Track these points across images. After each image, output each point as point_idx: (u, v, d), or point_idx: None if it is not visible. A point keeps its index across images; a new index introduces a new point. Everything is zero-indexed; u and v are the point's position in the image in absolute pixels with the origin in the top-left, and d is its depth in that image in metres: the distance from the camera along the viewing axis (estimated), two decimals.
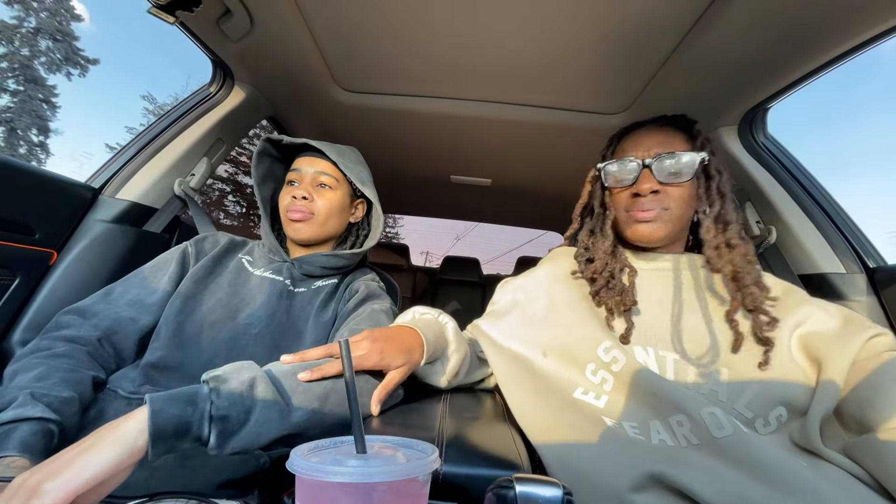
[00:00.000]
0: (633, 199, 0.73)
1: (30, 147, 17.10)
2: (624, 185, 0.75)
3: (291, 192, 0.88)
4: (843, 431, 0.55)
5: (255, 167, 0.94)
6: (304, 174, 0.90)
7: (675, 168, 0.70)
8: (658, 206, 0.71)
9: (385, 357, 0.62)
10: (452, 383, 0.76)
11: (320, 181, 0.90)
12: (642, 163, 0.72)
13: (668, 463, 0.53)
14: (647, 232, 0.72)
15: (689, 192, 0.72)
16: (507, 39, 0.98)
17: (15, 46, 16.36)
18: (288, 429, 0.52)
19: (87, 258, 0.96)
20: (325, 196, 0.90)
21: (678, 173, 0.70)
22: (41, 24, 16.73)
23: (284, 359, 0.59)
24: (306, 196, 0.87)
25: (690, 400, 0.58)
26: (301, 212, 0.87)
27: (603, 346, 0.68)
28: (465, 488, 0.49)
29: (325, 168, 0.91)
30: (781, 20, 0.80)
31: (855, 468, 0.49)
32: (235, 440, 0.48)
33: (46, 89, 17.32)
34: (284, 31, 1.01)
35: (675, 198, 0.71)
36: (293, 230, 0.89)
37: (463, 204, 2.32)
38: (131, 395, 0.66)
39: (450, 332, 0.74)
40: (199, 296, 0.80)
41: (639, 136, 0.76)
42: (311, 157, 0.92)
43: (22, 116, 16.43)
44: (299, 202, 0.87)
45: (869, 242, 0.99)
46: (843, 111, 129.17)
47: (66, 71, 17.59)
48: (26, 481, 0.37)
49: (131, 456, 0.41)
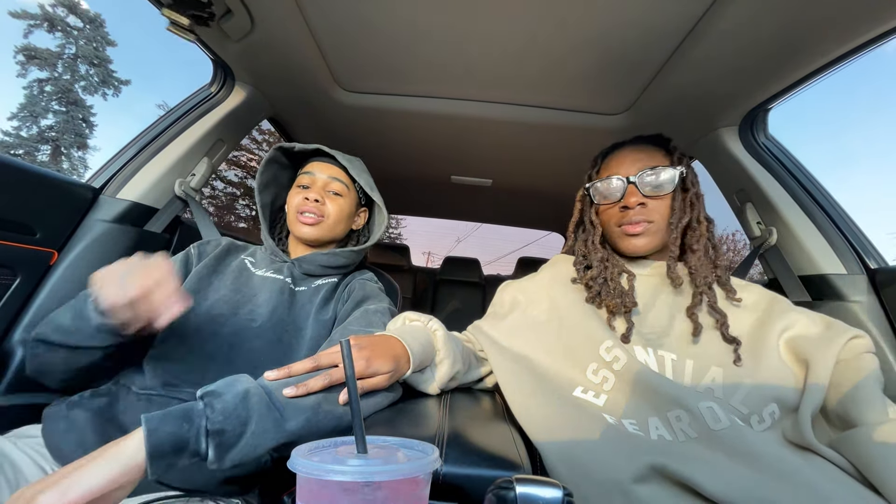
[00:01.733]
0: (623, 213, 0.79)
1: (72, 163, 19.25)
2: (611, 202, 0.81)
3: (304, 194, 0.91)
4: (827, 427, 0.59)
5: (261, 173, 0.96)
6: (317, 178, 0.92)
7: (656, 182, 0.77)
8: (644, 220, 0.77)
9: (371, 364, 0.61)
10: (448, 388, 0.76)
11: (332, 188, 0.93)
12: (627, 180, 0.78)
13: (669, 456, 0.54)
14: (639, 245, 0.79)
15: (670, 204, 0.78)
16: (508, 40, 0.99)
17: (59, 72, 18.51)
18: (284, 438, 0.53)
19: (87, 258, 0.96)
20: (336, 202, 0.93)
21: (660, 186, 0.77)
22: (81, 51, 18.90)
23: (268, 375, 0.58)
24: (318, 199, 0.90)
25: (689, 395, 0.60)
26: (313, 214, 0.89)
27: (605, 345, 0.69)
28: (465, 488, 0.49)
29: (338, 174, 0.94)
30: (782, 21, 0.80)
31: (844, 462, 0.52)
32: (233, 453, 0.48)
33: (86, 109, 19.57)
34: (285, 31, 1.02)
35: (658, 210, 0.78)
36: (302, 231, 0.90)
37: (464, 204, 2.32)
38: (141, 392, 0.67)
39: (439, 340, 0.73)
40: (203, 292, 0.81)
41: (622, 156, 0.82)
42: (324, 163, 0.94)
43: (64, 136, 18.35)
44: (311, 204, 0.90)
45: (870, 243, 0.99)
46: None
47: (101, 92, 19.94)
48: (24, 493, 0.39)
49: (127, 473, 0.42)
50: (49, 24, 18.46)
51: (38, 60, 18.33)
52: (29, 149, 18.05)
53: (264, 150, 14.47)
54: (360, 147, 1.57)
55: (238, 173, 14.26)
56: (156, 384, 0.68)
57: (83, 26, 19.12)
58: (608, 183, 0.81)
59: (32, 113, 18.30)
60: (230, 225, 14.36)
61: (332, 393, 0.59)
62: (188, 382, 0.70)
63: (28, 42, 18.35)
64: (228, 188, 14.41)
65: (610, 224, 0.82)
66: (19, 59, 18.25)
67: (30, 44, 18.35)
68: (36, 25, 18.39)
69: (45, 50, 18.48)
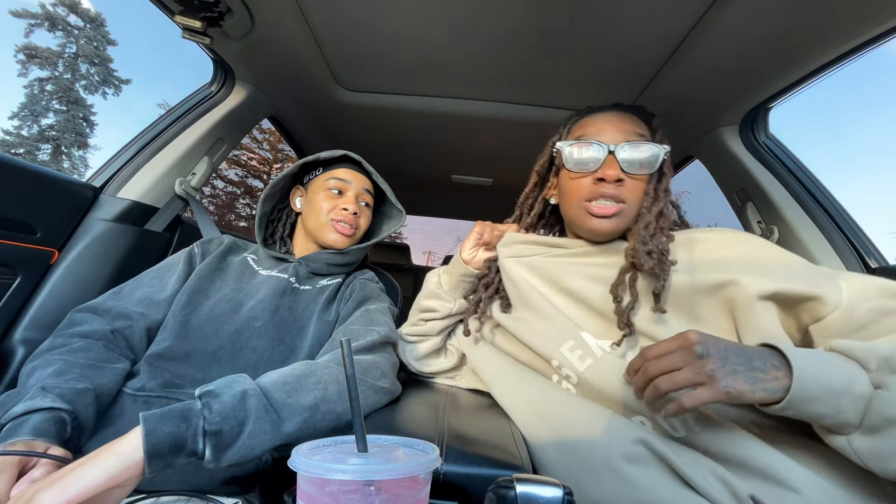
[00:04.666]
0: (595, 187, 0.68)
1: (72, 162, 19.36)
2: (586, 171, 0.70)
3: (339, 202, 0.90)
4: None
5: (273, 185, 0.94)
6: (350, 186, 0.93)
7: (640, 157, 0.67)
8: (616, 202, 0.68)
9: None
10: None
11: (364, 199, 0.95)
12: (608, 148, 0.68)
13: (654, 435, 0.55)
14: (606, 228, 0.69)
15: (644, 188, 0.69)
16: (509, 39, 0.98)
17: (59, 71, 18.66)
18: (281, 439, 0.53)
19: (88, 257, 0.96)
20: (365, 215, 0.95)
21: (643, 163, 0.68)
22: (81, 50, 19.03)
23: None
24: (357, 212, 0.91)
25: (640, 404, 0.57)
26: (349, 225, 0.90)
27: (567, 345, 0.67)
28: (465, 488, 0.49)
29: (368, 186, 0.96)
30: (782, 20, 0.80)
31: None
32: (231, 453, 0.49)
33: (86, 108, 19.64)
34: (285, 29, 1.01)
35: (633, 191, 0.68)
36: (332, 238, 0.90)
37: (464, 203, 2.32)
38: (137, 393, 0.67)
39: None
40: (206, 290, 0.81)
41: (604, 121, 0.72)
42: (354, 171, 0.95)
43: (65, 135, 18.49)
44: (350, 216, 0.90)
45: (870, 242, 0.99)
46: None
47: (102, 91, 20.05)
48: (24, 492, 0.40)
49: (126, 472, 0.43)
50: (50, 23, 18.52)
51: (39, 59, 18.42)
52: (30, 148, 18.13)
53: (264, 149, 14.49)
54: (360, 146, 1.57)
55: (238, 172, 14.29)
56: (155, 384, 0.68)
57: (84, 25, 19.21)
58: (585, 148, 0.69)
59: (33, 112, 18.37)
60: (230, 224, 14.38)
61: (330, 393, 0.59)
62: (190, 381, 0.70)
63: (29, 41, 18.46)
64: (229, 187, 14.43)
65: (575, 199, 0.71)
66: (20, 57, 18.33)
67: (31, 43, 18.45)
68: (37, 24, 18.45)
69: (46, 49, 18.57)
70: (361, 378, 0.65)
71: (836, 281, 0.55)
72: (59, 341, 0.67)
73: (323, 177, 0.94)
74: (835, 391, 0.44)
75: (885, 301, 0.52)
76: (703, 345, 0.47)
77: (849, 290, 0.53)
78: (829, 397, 0.44)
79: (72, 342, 0.66)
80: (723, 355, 0.47)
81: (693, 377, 0.46)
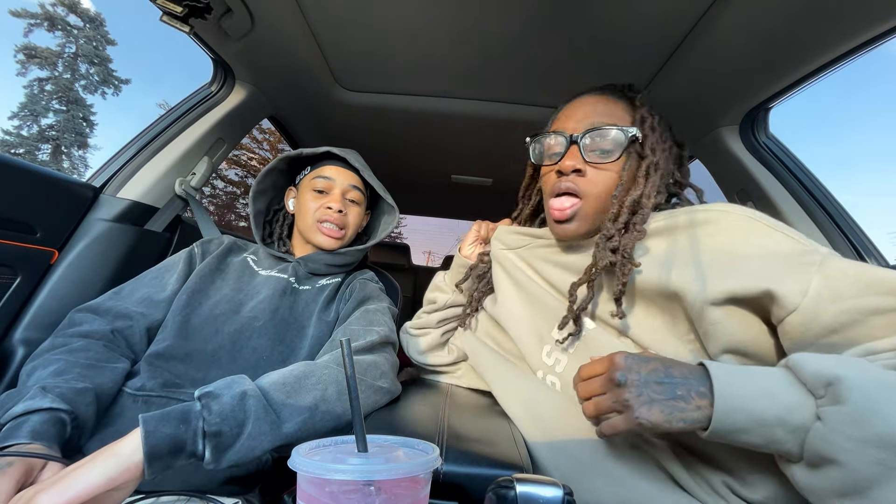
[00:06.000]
0: (557, 181, 0.65)
1: (72, 162, 19.50)
2: (552, 164, 0.66)
3: (324, 202, 0.89)
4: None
5: (260, 181, 0.95)
6: (335, 184, 0.91)
7: (599, 145, 0.62)
8: (572, 197, 0.64)
9: None
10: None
11: (351, 196, 0.93)
12: (570, 137, 0.64)
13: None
14: (565, 234, 0.66)
15: (615, 176, 0.63)
16: (509, 39, 0.98)
17: (59, 71, 18.81)
18: (281, 439, 0.53)
19: (88, 257, 0.96)
20: (354, 211, 0.93)
21: (605, 151, 0.62)
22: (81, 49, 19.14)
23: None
24: (342, 210, 0.89)
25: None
26: (335, 226, 0.89)
27: (545, 349, 0.70)
28: (465, 488, 0.49)
29: (355, 181, 0.94)
30: (782, 20, 0.80)
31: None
32: (230, 454, 0.49)
33: (86, 108, 19.76)
34: (285, 29, 1.01)
35: (597, 182, 0.63)
36: (321, 241, 0.89)
37: (464, 203, 2.32)
38: (137, 393, 0.67)
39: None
40: (205, 291, 0.81)
41: (575, 107, 0.68)
42: (340, 168, 0.93)
43: (65, 134, 18.57)
44: (335, 215, 0.89)
45: (871, 242, 0.98)
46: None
47: (101, 91, 20.22)
48: (24, 493, 0.41)
49: (125, 473, 0.43)
50: (49, 22, 18.53)
51: (39, 59, 18.44)
52: (29, 148, 18.14)
53: (265, 148, 14.47)
54: (360, 145, 1.55)
55: (238, 172, 14.27)
56: (154, 385, 0.68)
57: (83, 25, 19.22)
58: (548, 139, 0.67)
59: (33, 112, 18.40)
60: (230, 224, 14.37)
61: (329, 393, 0.59)
62: (190, 381, 0.70)
63: (28, 41, 18.47)
64: (229, 187, 14.43)
65: (546, 195, 0.68)
66: (20, 57, 18.34)
67: (30, 42, 18.47)
68: (36, 24, 18.45)
69: (46, 49, 18.58)
70: (361, 378, 0.65)
71: (809, 275, 0.46)
72: (59, 341, 0.67)
73: (309, 176, 0.93)
74: (766, 422, 0.39)
75: (872, 299, 0.43)
76: (624, 371, 0.45)
77: (820, 286, 0.45)
78: (759, 429, 0.40)
79: (72, 342, 0.66)
80: (642, 382, 0.44)
81: (612, 405, 0.45)
